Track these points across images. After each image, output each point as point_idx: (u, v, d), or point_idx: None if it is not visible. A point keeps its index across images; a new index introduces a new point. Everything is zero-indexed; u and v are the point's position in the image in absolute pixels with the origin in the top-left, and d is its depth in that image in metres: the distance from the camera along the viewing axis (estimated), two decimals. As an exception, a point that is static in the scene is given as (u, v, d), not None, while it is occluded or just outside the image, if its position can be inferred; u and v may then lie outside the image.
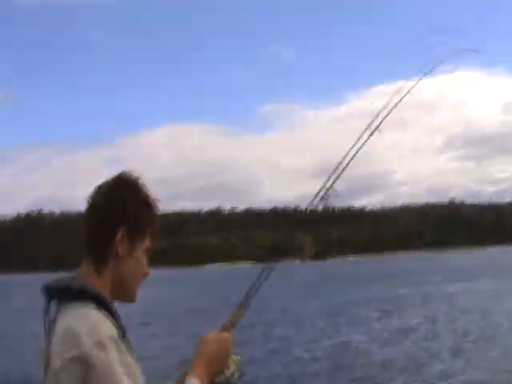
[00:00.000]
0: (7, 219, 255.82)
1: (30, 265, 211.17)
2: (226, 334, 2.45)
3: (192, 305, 38.11)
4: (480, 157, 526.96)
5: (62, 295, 2.14)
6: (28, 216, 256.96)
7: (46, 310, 2.17)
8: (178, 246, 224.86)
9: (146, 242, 2.27)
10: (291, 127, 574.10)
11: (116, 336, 2.04)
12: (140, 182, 2.28)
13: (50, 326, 2.13)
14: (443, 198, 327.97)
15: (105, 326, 2.03)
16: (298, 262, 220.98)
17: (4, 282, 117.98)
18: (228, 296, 44.87)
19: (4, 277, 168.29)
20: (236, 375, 2.42)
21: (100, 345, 1.96)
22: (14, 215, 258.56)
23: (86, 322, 2.00)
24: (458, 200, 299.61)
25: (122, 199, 2.20)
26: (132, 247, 2.21)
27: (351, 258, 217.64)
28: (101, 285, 2.17)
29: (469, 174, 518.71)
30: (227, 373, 2.38)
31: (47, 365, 2.07)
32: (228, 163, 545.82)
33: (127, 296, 2.29)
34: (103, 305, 2.11)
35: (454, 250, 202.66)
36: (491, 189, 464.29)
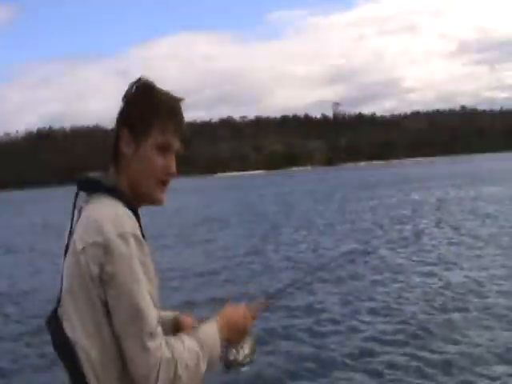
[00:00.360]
0: (19, 137, 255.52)
1: (42, 181, 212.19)
2: (249, 312, 2.47)
3: (204, 213, 38.14)
4: (493, 62, 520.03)
5: (91, 187, 2.25)
6: (39, 132, 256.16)
7: (75, 200, 2.28)
8: (190, 155, 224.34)
9: (154, 139, 2.28)
10: (301, 34, 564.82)
11: (139, 235, 2.11)
12: (148, 82, 2.34)
13: (76, 215, 2.24)
14: (454, 105, 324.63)
15: (129, 222, 2.11)
16: (309, 168, 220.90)
17: (18, 199, 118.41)
18: (240, 203, 45.24)
19: (17, 193, 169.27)
20: (248, 360, 2.43)
21: (123, 237, 2.04)
22: (26, 132, 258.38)
23: (111, 214, 2.10)
24: (469, 107, 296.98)
25: (128, 101, 2.31)
26: (137, 145, 2.28)
27: (362, 164, 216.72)
28: (122, 185, 2.28)
29: (481, 80, 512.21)
30: (243, 351, 2.42)
31: (66, 250, 2.20)
32: (237, 72, 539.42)
33: (148, 197, 2.34)
34: (128, 203, 2.21)
35: (464, 156, 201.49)
36: (503, 95, 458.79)
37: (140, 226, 2.20)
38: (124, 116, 2.32)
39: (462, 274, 14.31)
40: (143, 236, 2.17)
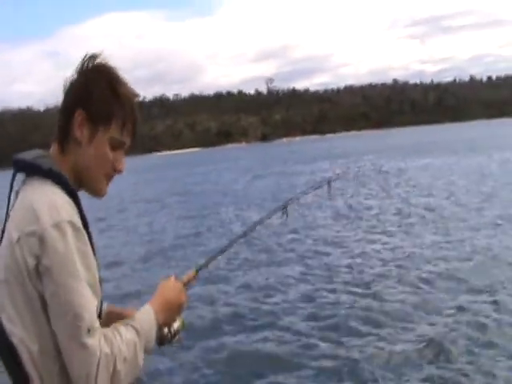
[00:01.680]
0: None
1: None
2: (181, 285, 2.42)
3: (141, 194, 37.78)
4: (423, 36, 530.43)
5: (28, 170, 2.10)
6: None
7: (12, 182, 2.13)
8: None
9: (112, 134, 2.15)
10: (233, 11, 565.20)
11: (77, 223, 1.98)
12: (113, 68, 2.19)
13: (13, 199, 2.11)
14: (386, 79, 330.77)
15: (67, 210, 1.98)
16: (244, 144, 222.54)
17: None
18: (176, 184, 45.37)
19: None
20: (180, 333, 2.43)
21: (58, 227, 1.92)
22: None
23: (48, 201, 1.97)
24: (401, 80, 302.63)
25: (85, 81, 2.13)
26: (92, 133, 2.13)
27: (297, 139, 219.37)
28: (65, 166, 2.13)
29: (412, 54, 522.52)
30: (173, 327, 2.39)
31: (1, 237, 2.06)
32: (170, 50, 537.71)
33: (91, 187, 2.22)
34: (66, 187, 2.06)
35: (397, 129, 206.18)
36: (434, 68, 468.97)
37: (81, 211, 2.06)
38: (82, 96, 2.12)
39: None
40: (85, 222, 2.06)
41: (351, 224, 17.70)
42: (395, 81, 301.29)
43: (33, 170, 2.08)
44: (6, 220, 2.08)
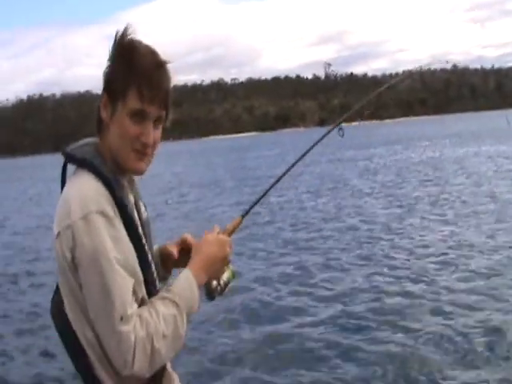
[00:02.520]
0: (10, 104, 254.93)
1: (33, 147, 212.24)
2: (225, 237, 2.37)
3: (199, 178, 37.80)
4: (483, 20, 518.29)
5: (71, 161, 2.16)
6: (30, 99, 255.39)
7: (63, 175, 2.20)
8: (182, 118, 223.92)
9: (129, 105, 2.11)
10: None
11: (107, 211, 2.01)
12: (129, 42, 2.16)
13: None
14: (446, 64, 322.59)
15: (97, 200, 2.01)
16: (301, 129, 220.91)
17: (9, 166, 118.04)
18: (235, 166, 45.13)
19: (8, 160, 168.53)
20: (229, 285, 2.40)
21: (86, 219, 1.96)
22: (16, 99, 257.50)
23: (79, 193, 2.01)
24: (461, 65, 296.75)
25: (109, 62, 2.17)
26: (113, 112, 2.14)
27: (355, 124, 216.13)
28: (104, 153, 2.17)
29: (472, 39, 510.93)
30: (222, 279, 2.36)
31: None
32: (225, 34, 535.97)
33: (125, 167, 2.19)
34: (100, 175, 2.08)
35: (456, 115, 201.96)
36: (494, 53, 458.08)
37: (116, 197, 2.08)
38: (106, 78, 2.17)
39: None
40: (123, 207, 2.10)
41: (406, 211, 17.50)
42: (455, 66, 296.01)
43: (73, 161, 2.15)
44: None
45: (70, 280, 2.03)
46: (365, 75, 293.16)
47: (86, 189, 2.02)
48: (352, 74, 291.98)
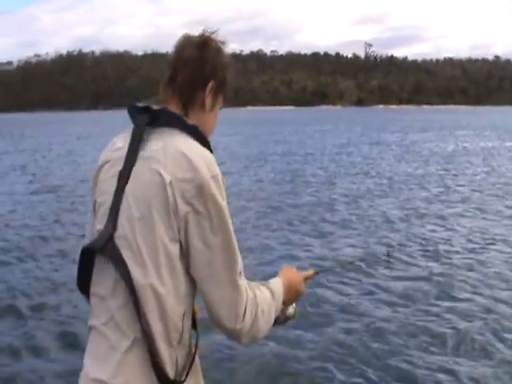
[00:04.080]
0: (49, 58, 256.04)
1: (71, 103, 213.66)
2: (303, 276, 2.61)
3: (241, 149, 36.44)
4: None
5: (169, 120, 2.18)
6: (69, 55, 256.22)
7: (140, 127, 2.18)
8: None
9: (223, 101, 2.39)
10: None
11: (224, 179, 2.13)
12: (224, 45, 2.37)
13: (138, 142, 2.15)
14: (488, 55, 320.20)
15: (217, 166, 2.12)
16: (339, 107, 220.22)
17: (46, 119, 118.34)
18: (275, 140, 45.11)
19: (46, 114, 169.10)
20: (291, 320, 2.56)
21: (216, 179, 2.06)
22: (56, 54, 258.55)
23: (203, 154, 2.10)
24: (503, 57, 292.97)
25: (214, 57, 2.30)
26: (215, 102, 2.33)
27: (393, 107, 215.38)
28: None
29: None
30: (287, 310, 2.52)
31: (126, 174, 2.11)
32: (269, 5, 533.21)
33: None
34: (208, 146, 2.18)
35: (495, 107, 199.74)
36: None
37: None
38: (212, 69, 2.30)
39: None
40: None
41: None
42: (497, 57, 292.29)
43: (175, 123, 2.17)
44: (132, 160, 2.12)
45: (168, 230, 2.01)
46: (405, 58, 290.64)
47: (207, 153, 2.13)
48: (392, 56, 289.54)
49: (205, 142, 2.16)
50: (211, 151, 2.16)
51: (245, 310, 2.08)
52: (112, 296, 2.07)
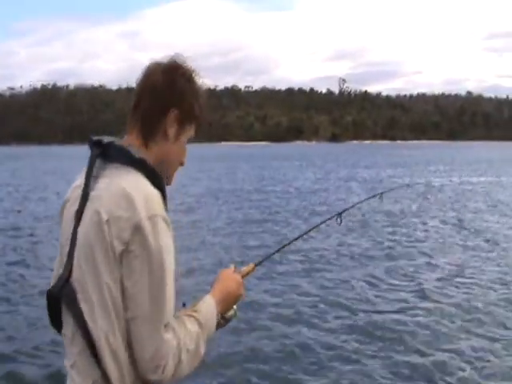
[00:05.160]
0: (23, 92, 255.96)
1: (45, 137, 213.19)
2: (241, 279, 2.53)
3: (214, 185, 37.18)
4: (501, 50, 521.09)
5: (117, 155, 2.13)
6: (43, 88, 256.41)
7: (92, 165, 2.15)
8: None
9: (191, 131, 2.30)
10: (313, 7, 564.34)
11: (167, 218, 2.06)
12: (195, 72, 2.28)
13: (89, 181, 2.11)
14: (461, 90, 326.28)
15: (160, 204, 2.05)
16: (313, 142, 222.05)
17: (18, 154, 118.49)
18: (252, 176, 45.32)
19: (19, 148, 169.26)
20: (229, 323, 2.53)
21: (153, 220, 1.98)
22: (30, 87, 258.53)
23: (144, 192, 2.02)
24: (475, 93, 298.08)
25: (180, 83, 2.22)
26: (180, 132, 2.24)
27: (367, 143, 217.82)
28: (150, 160, 2.17)
29: (488, 68, 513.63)
30: (227, 314, 2.49)
31: (79, 216, 2.07)
32: (245, 41, 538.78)
33: (168, 179, 2.30)
34: (157, 181, 2.13)
35: (469, 142, 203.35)
36: (510, 83, 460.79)
37: (166, 204, 2.14)
38: (176, 96, 2.22)
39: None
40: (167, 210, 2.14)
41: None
42: (469, 92, 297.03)
43: (122, 157, 2.11)
44: (83, 200, 2.08)
45: (103, 269, 1.97)
46: (379, 94, 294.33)
47: (150, 191, 2.04)
48: (366, 91, 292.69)
49: (155, 176, 2.11)
50: (161, 186, 2.13)
51: (166, 363, 1.98)
52: (73, 341, 2.06)
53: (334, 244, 15.83)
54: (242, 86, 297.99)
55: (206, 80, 2.31)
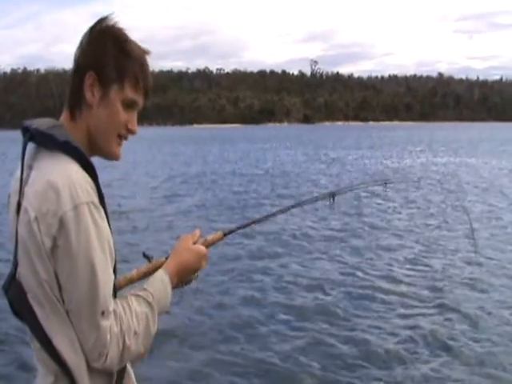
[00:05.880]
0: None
1: (16, 121, 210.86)
2: (204, 250, 2.41)
3: (183, 169, 36.26)
4: (472, 31, 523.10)
5: (42, 141, 2.04)
6: (13, 73, 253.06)
7: (23, 153, 2.07)
8: (167, 104, 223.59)
9: (125, 93, 2.12)
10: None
11: (95, 201, 1.98)
12: (118, 28, 2.14)
13: (26, 171, 2.04)
14: (432, 72, 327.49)
15: (86, 190, 1.96)
16: (285, 124, 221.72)
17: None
18: (219, 159, 44.96)
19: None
20: (192, 281, 2.46)
21: (77, 209, 1.91)
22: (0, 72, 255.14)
23: (68, 181, 1.93)
24: (446, 74, 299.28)
25: (97, 42, 2.10)
26: (104, 94, 2.10)
27: (339, 124, 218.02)
28: (78, 134, 2.11)
29: (459, 49, 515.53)
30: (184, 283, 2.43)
31: (19, 208, 2.01)
32: (215, 24, 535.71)
33: (104, 150, 2.20)
34: (83, 161, 2.02)
35: (440, 123, 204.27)
36: (481, 65, 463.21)
37: (97, 184, 2.03)
38: (92, 57, 2.09)
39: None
40: (101, 194, 2.04)
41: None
42: (440, 74, 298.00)
43: (47, 142, 2.01)
44: (20, 194, 2.01)
45: (39, 267, 1.94)
46: (350, 76, 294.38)
47: (74, 176, 1.95)
48: (338, 73, 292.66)
49: (81, 157, 2.00)
50: (89, 165, 2.01)
51: (108, 349, 1.97)
52: (32, 338, 2.05)
53: (312, 224, 15.85)
54: (213, 68, 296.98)
55: (178, 63, 2.09)
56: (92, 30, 2.11)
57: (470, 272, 11.10)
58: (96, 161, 2.08)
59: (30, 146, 2.07)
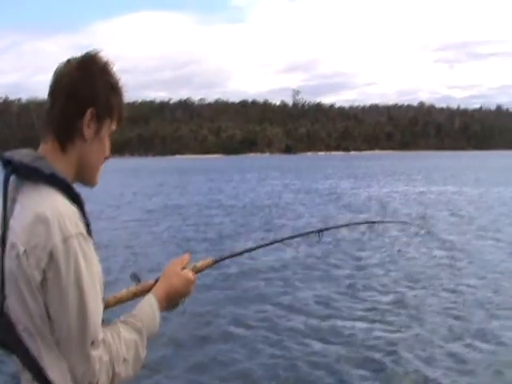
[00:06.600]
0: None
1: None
2: (193, 277, 2.40)
3: (168, 201, 36.71)
4: (453, 61, 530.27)
5: (26, 173, 2.01)
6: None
7: (6, 187, 2.03)
8: (148, 135, 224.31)
9: (112, 127, 2.19)
10: (266, 20, 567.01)
11: (84, 232, 1.97)
12: (109, 64, 2.17)
13: (9, 205, 2.00)
14: (413, 101, 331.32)
15: (74, 222, 1.95)
16: (267, 154, 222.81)
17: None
18: (205, 190, 45.05)
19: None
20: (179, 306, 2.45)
21: (67, 242, 1.90)
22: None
23: (56, 214, 1.92)
24: (427, 103, 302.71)
25: (93, 79, 2.10)
26: (98, 129, 2.13)
27: (321, 154, 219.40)
28: (65, 165, 2.10)
29: (440, 79, 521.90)
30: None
31: (2, 243, 1.96)
32: (197, 54, 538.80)
33: (90, 179, 2.21)
34: (70, 193, 2.02)
35: (421, 152, 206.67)
36: (461, 94, 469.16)
37: (84, 213, 2.03)
38: (89, 93, 2.09)
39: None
40: (88, 221, 2.04)
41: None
42: (421, 103, 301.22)
43: (32, 175, 1.99)
44: (4, 228, 1.99)
45: (29, 300, 1.93)
46: (332, 105, 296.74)
47: (62, 209, 1.95)
48: (320, 103, 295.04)
49: (68, 189, 2.00)
50: (76, 197, 2.01)
51: (98, 379, 1.96)
52: (23, 370, 1.99)
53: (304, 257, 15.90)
54: (195, 99, 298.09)
55: (160, 93, 2.05)
56: (84, 64, 2.11)
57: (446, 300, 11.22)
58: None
59: (12, 179, 2.02)
